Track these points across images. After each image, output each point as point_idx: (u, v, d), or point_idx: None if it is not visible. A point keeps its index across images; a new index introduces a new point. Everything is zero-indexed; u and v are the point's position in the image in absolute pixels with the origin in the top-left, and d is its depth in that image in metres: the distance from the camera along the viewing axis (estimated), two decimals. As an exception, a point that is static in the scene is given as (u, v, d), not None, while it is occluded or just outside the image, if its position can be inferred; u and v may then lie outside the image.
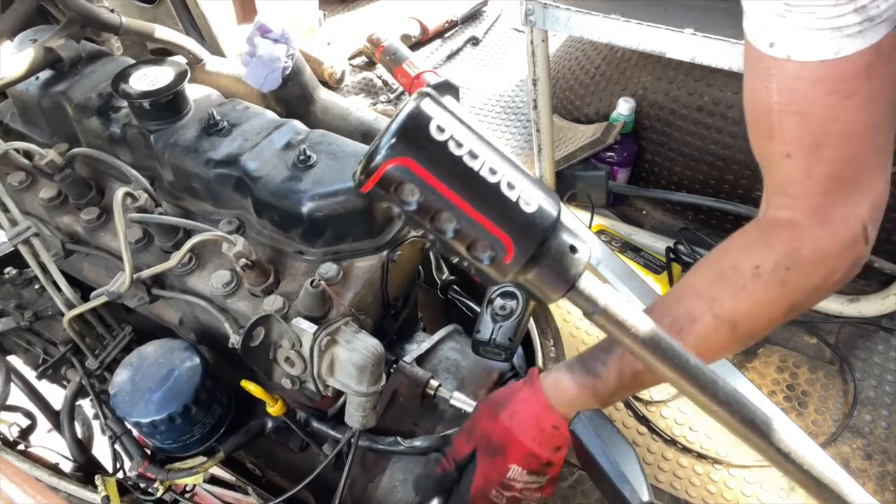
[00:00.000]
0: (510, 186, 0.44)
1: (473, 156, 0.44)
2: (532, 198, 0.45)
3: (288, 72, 1.18)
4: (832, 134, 0.58)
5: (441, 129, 0.43)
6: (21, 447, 1.16)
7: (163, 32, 1.21)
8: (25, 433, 1.21)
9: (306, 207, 0.92)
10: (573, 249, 0.47)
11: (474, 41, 2.06)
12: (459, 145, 0.43)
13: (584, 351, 0.76)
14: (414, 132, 0.43)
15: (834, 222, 0.61)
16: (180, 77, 0.99)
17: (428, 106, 0.43)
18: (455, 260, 0.47)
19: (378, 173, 0.43)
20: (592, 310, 0.49)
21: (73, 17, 1.08)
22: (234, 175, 0.97)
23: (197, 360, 0.96)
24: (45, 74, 1.09)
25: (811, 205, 0.62)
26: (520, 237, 0.45)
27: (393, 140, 0.42)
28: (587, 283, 0.48)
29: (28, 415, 1.23)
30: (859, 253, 0.62)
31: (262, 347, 0.88)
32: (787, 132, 0.61)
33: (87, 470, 1.11)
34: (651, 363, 0.51)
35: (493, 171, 0.44)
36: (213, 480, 1.21)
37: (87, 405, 1.29)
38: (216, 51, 1.59)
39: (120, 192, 0.88)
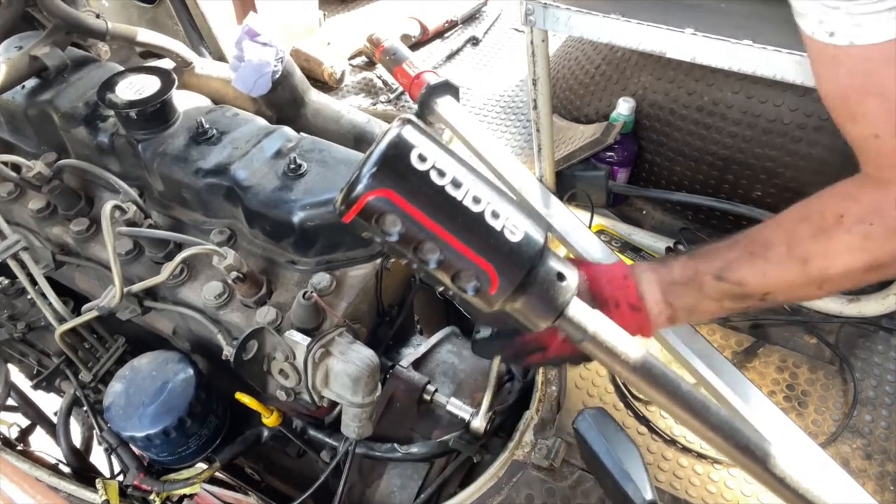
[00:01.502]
0: (495, 215, 0.43)
1: (456, 185, 0.42)
2: (518, 226, 0.44)
3: (278, 76, 1.16)
4: None
5: (423, 159, 0.42)
6: (21, 447, 1.16)
7: (150, 36, 1.19)
8: (25, 433, 1.22)
9: (297, 217, 0.91)
10: (560, 277, 0.46)
11: (474, 41, 2.03)
12: (442, 174, 0.42)
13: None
14: (395, 162, 0.41)
15: None
16: (167, 86, 0.97)
17: (409, 134, 0.42)
18: (440, 289, 0.46)
19: (359, 205, 0.42)
20: (581, 337, 0.48)
21: (59, 24, 1.06)
22: (225, 185, 0.96)
23: (191, 371, 0.96)
24: (31, 83, 1.08)
25: None
26: (505, 266, 0.44)
27: (374, 169, 0.41)
28: (576, 309, 0.47)
29: (28, 415, 1.23)
30: None
31: (255, 360, 0.87)
32: (869, 113, 0.62)
33: (85, 476, 1.11)
34: (643, 389, 0.50)
35: (476, 200, 0.43)
36: (214, 481, 1.22)
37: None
38: (215, 51, 1.56)
39: (108, 206, 0.87)
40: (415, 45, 1.98)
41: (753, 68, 0.91)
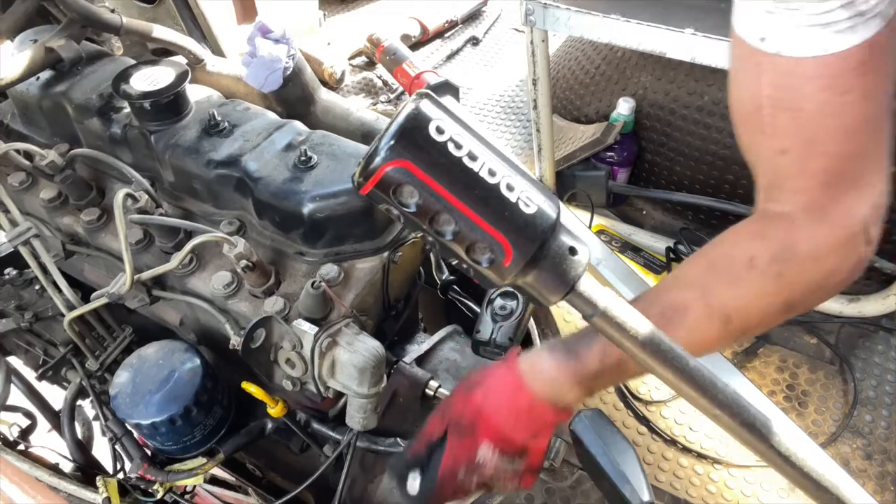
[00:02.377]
0: (509, 188, 0.44)
1: (473, 157, 0.44)
2: (531, 199, 0.45)
3: (289, 72, 1.18)
4: (828, 130, 0.57)
5: (440, 131, 0.43)
6: (21, 447, 1.16)
7: (163, 33, 1.21)
8: (25, 433, 1.21)
9: (307, 208, 0.92)
10: (573, 251, 0.47)
11: (474, 41, 2.06)
12: (459, 147, 0.43)
13: (570, 334, 0.73)
14: (413, 133, 0.43)
15: (832, 219, 0.60)
16: (181, 78, 0.99)
17: (427, 107, 0.43)
18: (454, 262, 0.47)
19: (377, 175, 0.43)
20: (592, 312, 0.49)
21: (74, 18, 1.08)
22: (235, 176, 0.97)
23: (197, 361, 0.96)
24: (46, 75, 1.09)
25: (808, 200, 0.60)
26: (519, 239, 0.45)
27: (392, 142, 0.42)
28: (587, 285, 0.48)
29: (28, 415, 1.23)
30: (860, 253, 0.61)
31: (262, 349, 0.88)
32: (780, 128, 0.59)
33: (87, 471, 1.11)
34: (651, 366, 0.51)
35: (492, 173, 0.44)
36: (214, 481, 1.21)
37: (87, 405, 1.28)
38: (216, 51, 1.59)
39: (121, 194, 0.88)
40: (415, 45, 2.00)
41: (754, 68, 0.93)
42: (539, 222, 0.45)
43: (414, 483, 0.72)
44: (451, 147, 0.43)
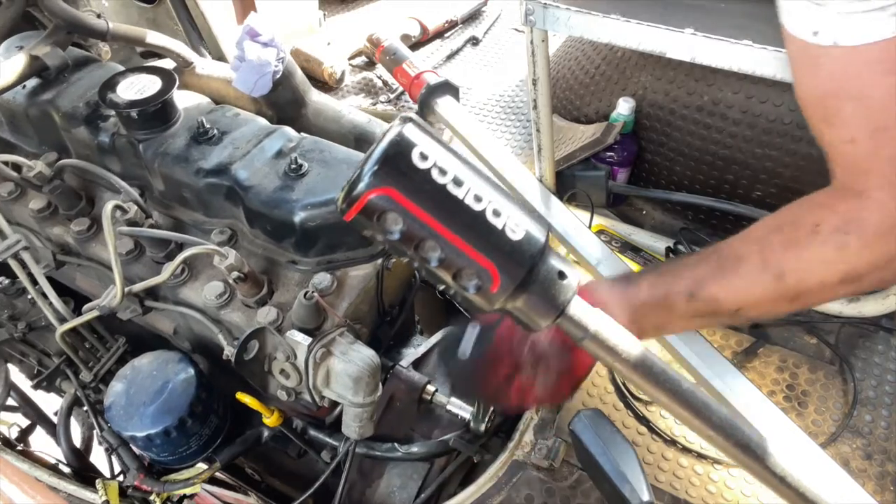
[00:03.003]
0: (496, 214, 0.43)
1: (458, 183, 0.42)
2: (519, 224, 0.44)
3: (278, 76, 1.17)
4: (894, 114, 0.57)
5: (424, 157, 0.42)
6: (21, 447, 1.16)
7: (151, 36, 1.19)
8: (25, 433, 1.21)
9: (298, 217, 0.91)
10: (561, 275, 0.46)
11: (474, 41, 2.03)
12: (443, 173, 0.42)
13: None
14: (396, 160, 0.41)
15: None
16: (168, 86, 0.97)
17: (411, 132, 0.42)
18: (441, 288, 0.46)
19: (360, 203, 0.42)
20: (582, 335, 0.48)
21: (59, 24, 1.06)
22: (225, 184, 0.96)
23: (191, 371, 0.96)
24: (32, 83, 1.08)
25: (881, 180, 0.60)
26: (506, 265, 0.44)
27: (375, 167, 0.41)
28: (577, 308, 0.47)
29: (28, 415, 1.23)
30: None
31: (256, 360, 0.87)
32: (846, 118, 0.60)
33: (85, 476, 1.11)
34: (644, 388, 0.50)
35: (478, 199, 0.43)
36: (214, 481, 1.22)
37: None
38: (215, 51, 1.57)
39: (109, 206, 0.87)
40: (415, 45, 1.98)
41: (753, 68, 0.91)
42: (526, 247, 0.44)
43: (468, 343, 0.70)
44: (434, 173, 0.42)
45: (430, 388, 1.08)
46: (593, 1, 1.04)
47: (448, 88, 1.36)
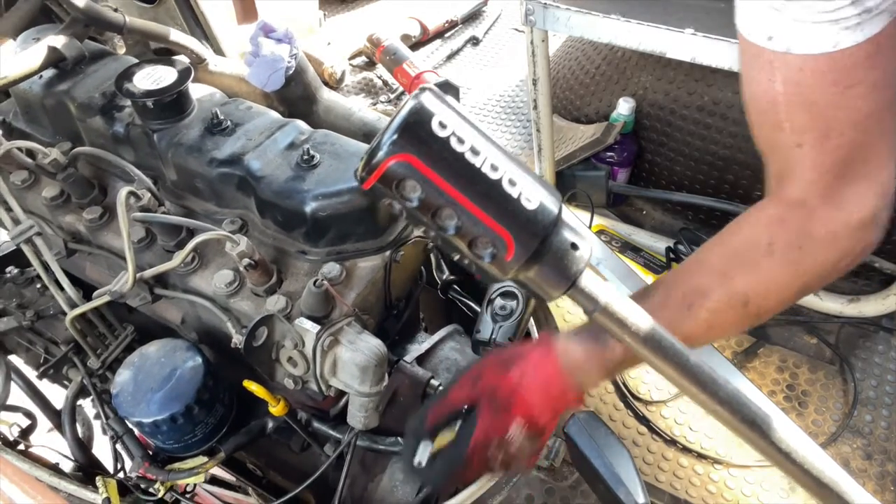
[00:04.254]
0: (511, 183, 0.45)
1: (475, 152, 0.44)
2: (533, 195, 0.45)
3: (291, 72, 1.19)
4: (839, 122, 0.60)
5: (443, 126, 0.43)
6: (21, 447, 1.16)
7: (166, 32, 1.21)
8: (25, 433, 1.21)
9: (309, 207, 0.92)
10: (574, 247, 0.47)
11: (474, 41, 2.06)
12: (461, 141, 0.44)
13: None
14: (416, 128, 0.43)
15: (846, 205, 0.62)
16: (184, 76, 0.99)
17: (430, 101, 0.44)
18: (456, 257, 0.48)
19: (380, 170, 0.43)
20: (593, 307, 0.49)
21: (77, 17, 1.08)
22: (238, 175, 0.98)
23: (199, 359, 0.96)
24: (49, 73, 1.10)
25: (823, 188, 0.62)
26: (521, 234, 0.45)
27: (395, 136, 0.43)
28: (588, 280, 0.49)
29: (28, 415, 1.23)
30: (870, 237, 0.63)
31: (264, 347, 0.88)
32: (796, 122, 0.62)
33: (87, 470, 1.11)
34: (652, 361, 0.51)
35: (494, 168, 0.44)
36: (214, 481, 1.21)
37: (87, 405, 1.28)
38: (217, 51, 1.59)
39: (123, 192, 0.88)
40: (415, 45, 2.01)
41: (754, 68, 0.93)
42: (541, 217, 0.45)
43: (424, 452, 0.71)
44: (453, 142, 0.43)
45: (434, 383, 1.09)
46: (593, 1, 1.06)
47: (448, 88, 1.38)
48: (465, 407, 0.72)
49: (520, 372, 0.71)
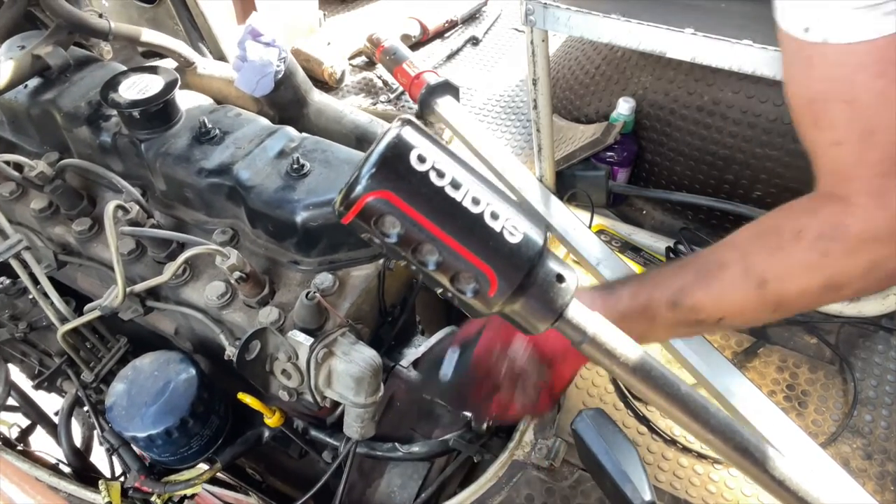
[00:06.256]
0: (494, 216, 0.43)
1: (456, 186, 0.42)
2: (517, 227, 0.44)
3: (280, 76, 1.17)
4: (885, 118, 0.56)
5: (422, 160, 0.42)
6: (21, 447, 1.16)
7: (152, 36, 1.19)
8: (25, 433, 1.22)
9: (300, 217, 0.91)
10: (560, 278, 0.46)
11: (474, 41, 2.03)
12: (441, 175, 0.42)
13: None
14: (394, 162, 0.41)
15: (891, 205, 0.57)
16: (170, 85, 0.98)
17: (409, 134, 0.42)
18: (439, 291, 0.46)
19: (357, 206, 0.42)
20: (581, 339, 0.48)
21: (61, 24, 1.06)
22: (227, 184, 0.96)
23: (193, 371, 0.96)
24: (34, 82, 1.08)
25: (867, 186, 0.59)
26: (504, 268, 0.44)
27: (373, 171, 0.41)
28: (575, 311, 0.47)
29: (28, 415, 1.23)
30: None
31: (258, 360, 0.87)
32: (834, 120, 0.58)
33: (85, 477, 1.11)
34: (642, 391, 0.50)
35: (475, 202, 0.43)
36: (214, 481, 1.22)
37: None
38: (215, 51, 1.57)
39: (111, 206, 0.87)
40: (415, 45, 1.98)
41: (753, 68, 0.91)
42: (525, 250, 0.44)
43: (450, 363, 0.72)
44: (433, 176, 0.42)
45: (431, 387, 1.08)
46: (593, 1, 1.04)
47: (448, 88, 1.36)
48: None
49: None
